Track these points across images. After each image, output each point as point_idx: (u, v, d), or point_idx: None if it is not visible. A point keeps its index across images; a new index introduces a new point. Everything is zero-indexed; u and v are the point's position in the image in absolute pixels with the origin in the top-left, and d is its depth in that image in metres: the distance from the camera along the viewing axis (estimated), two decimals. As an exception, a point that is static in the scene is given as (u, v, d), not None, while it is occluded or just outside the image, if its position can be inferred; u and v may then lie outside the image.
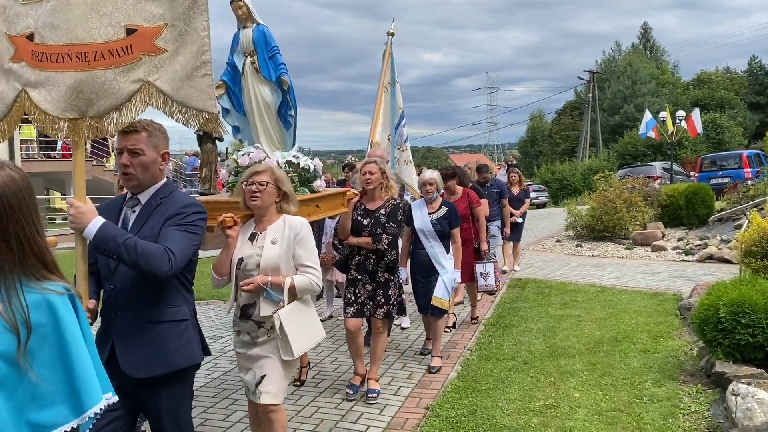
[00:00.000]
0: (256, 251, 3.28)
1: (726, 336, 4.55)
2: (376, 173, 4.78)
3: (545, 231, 16.32)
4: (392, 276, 4.90)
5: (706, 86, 47.60)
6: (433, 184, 5.56)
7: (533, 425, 4.22)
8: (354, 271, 4.89)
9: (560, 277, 9.68)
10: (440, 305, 5.47)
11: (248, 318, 3.30)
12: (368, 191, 4.82)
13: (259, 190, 3.29)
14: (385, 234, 4.71)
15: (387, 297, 4.84)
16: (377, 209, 4.82)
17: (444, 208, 5.63)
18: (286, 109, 4.43)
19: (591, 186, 19.67)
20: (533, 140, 56.38)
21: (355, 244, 4.82)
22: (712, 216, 13.20)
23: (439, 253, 5.53)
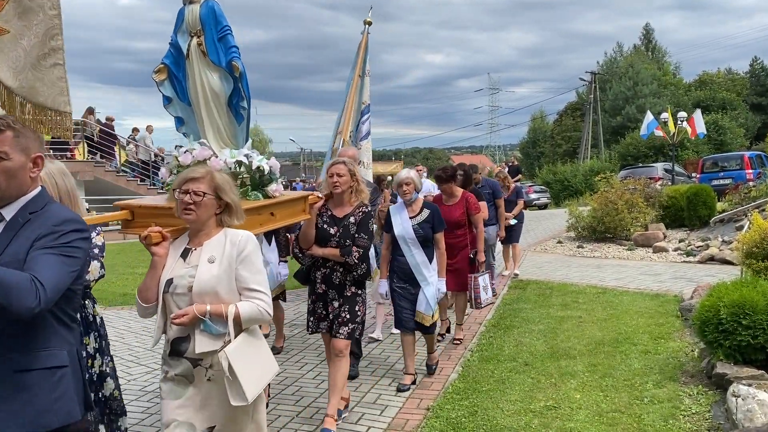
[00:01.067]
0: (189, 271, 2.67)
1: (727, 337, 4.55)
2: (345, 175, 4.25)
3: (546, 232, 16.31)
4: (360, 291, 4.37)
5: (707, 87, 47.56)
6: (409, 184, 5.05)
7: (534, 426, 4.22)
8: (321, 284, 4.35)
9: (561, 278, 9.68)
10: (424, 321, 5.07)
11: (180, 355, 2.68)
12: (336, 195, 4.28)
13: (193, 202, 2.67)
14: (355, 246, 4.20)
15: (353, 314, 4.29)
16: (346, 217, 4.28)
17: (426, 211, 5.13)
18: (238, 99, 3.80)
19: (592, 187, 19.67)
20: (535, 141, 56.34)
21: (320, 255, 4.27)
22: (714, 217, 13.20)
23: (421, 263, 5.05)
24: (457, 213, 6.07)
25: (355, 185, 4.31)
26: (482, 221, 6.39)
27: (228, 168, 3.56)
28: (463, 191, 6.29)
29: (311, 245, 4.28)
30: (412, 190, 5.09)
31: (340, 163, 4.31)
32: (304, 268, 4.47)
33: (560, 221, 16.46)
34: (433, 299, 5.07)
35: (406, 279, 5.09)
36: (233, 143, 3.91)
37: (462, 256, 6.13)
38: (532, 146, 56.47)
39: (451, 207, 6.10)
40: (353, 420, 4.49)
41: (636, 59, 49.67)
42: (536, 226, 17.84)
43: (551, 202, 31.14)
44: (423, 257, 5.05)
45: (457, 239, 6.06)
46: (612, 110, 46.73)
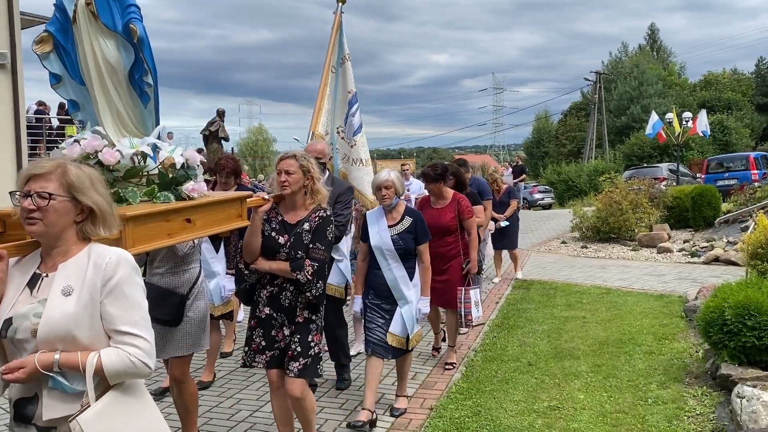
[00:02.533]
0: (34, 308, 1.92)
1: (731, 338, 4.53)
2: (296, 173, 3.48)
3: (551, 232, 16.29)
4: (314, 316, 3.55)
5: (713, 87, 47.46)
6: (390, 188, 4.36)
7: (537, 426, 4.22)
8: (266, 306, 3.57)
9: (565, 279, 9.67)
10: (397, 344, 4.37)
11: (27, 422, 1.95)
12: (287, 197, 3.56)
13: (38, 208, 1.91)
14: (309, 260, 3.43)
15: (305, 345, 3.49)
16: (299, 223, 3.52)
17: (408, 218, 4.47)
18: (141, 73, 3.02)
19: (597, 187, 19.64)
20: (539, 141, 56.26)
21: (266, 270, 3.53)
22: (719, 218, 13.16)
23: (399, 279, 4.39)
24: (447, 217, 5.41)
25: (309, 185, 3.55)
26: (476, 227, 5.67)
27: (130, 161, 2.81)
28: (455, 192, 5.61)
29: (256, 257, 3.52)
30: (393, 194, 4.40)
31: (289, 158, 3.51)
32: (247, 285, 3.68)
33: (564, 221, 16.44)
34: (411, 321, 4.40)
35: (383, 295, 4.45)
36: (139, 129, 3.12)
37: (453, 267, 5.44)
38: (537, 146, 56.38)
39: (440, 210, 5.47)
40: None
41: (641, 59, 49.57)
42: (540, 226, 17.83)
43: (555, 202, 31.07)
44: (402, 272, 4.41)
45: (447, 247, 5.41)
46: (617, 110, 46.63)
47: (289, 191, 3.49)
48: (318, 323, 3.59)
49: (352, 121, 5.86)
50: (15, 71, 11.96)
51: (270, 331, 3.57)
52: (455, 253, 5.44)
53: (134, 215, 2.51)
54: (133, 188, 2.84)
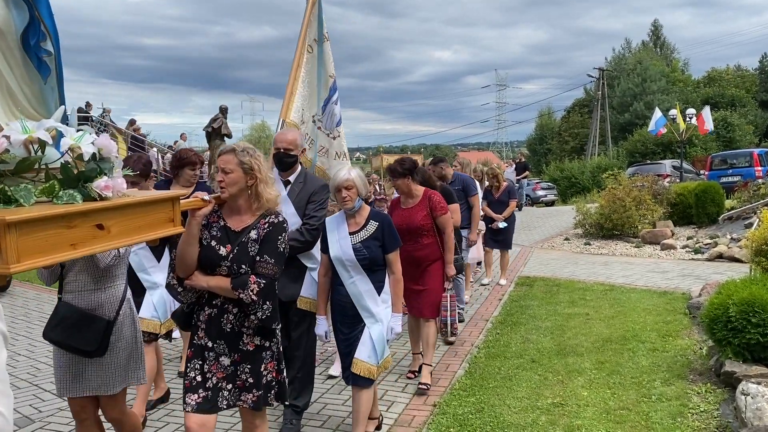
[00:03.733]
0: None
1: (736, 335, 4.52)
2: (234, 171, 2.86)
3: (553, 229, 16.27)
4: (268, 342, 2.98)
5: (716, 84, 47.34)
6: (351, 188, 3.74)
7: (541, 423, 4.21)
8: (203, 332, 2.96)
9: (568, 275, 9.65)
10: (365, 373, 3.73)
11: None
12: (228, 200, 2.94)
13: None
14: (254, 275, 2.83)
15: (257, 375, 2.94)
16: (244, 231, 2.93)
17: (373, 223, 3.85)
18: (38, 38, 2.45)
19: (600, 184, 19.60)
20: (542, 138, 56.17)
21: (203, 287, 2.90)
22: (723, 214, 13.12)
23: (365, 293, 3.78)
24: (418, 216, 4.93)
25: (254, 185, 2.91)
26: (452, 224, 5.14)
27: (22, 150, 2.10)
28: (426, 189, 5.11)
29: (192, 271, 2.90)
30: (354, 196, 3.77)
31: (227, 153, 2.90)
32: (185, 306, 3.04)
33: (567, 218, 16.42)
34: (381, 343, 3.79)
35: (350, 315, 3.84)
36: (37, 110, 2.55)
37: (432, 272, 4.99)
38: (540, 143, 56.30)
39: (410, 210, 4.99)
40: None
41: (644, 56, 49.45)
42: (543, 223, 17.81)
43: (558, 199, 31.05)
44: (367, 285, 3.80)
45: (423, 250, 4.95)
46: (620, 107, 46.53)
47: (226, 194, 2.88)
48: (273, 349, 3.00)
49: (333, 110, 5.17)
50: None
51: (204, 364, 2.93)
52: (434, 257, 4.99)
53: (18, 220, 1.90)
54: (26, 185, 2.11)
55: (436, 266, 5.01)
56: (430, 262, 4.98)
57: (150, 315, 4.32)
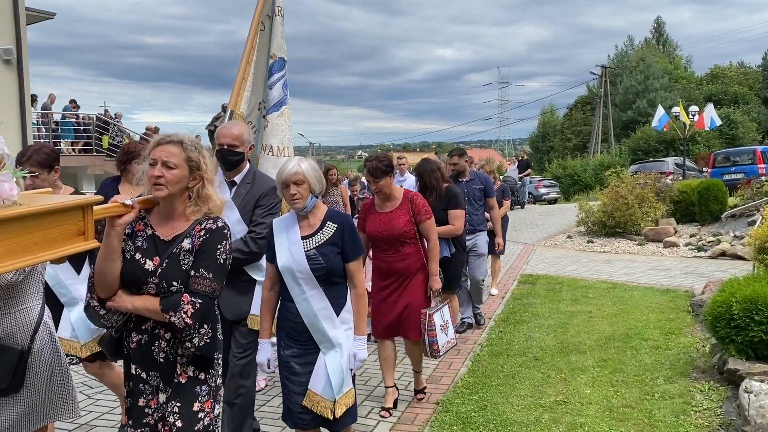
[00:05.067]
0: None
1: (739, 333, 4.52)
2: (179, 167, 2.37)
3: (556, 227, 16.26)
4: (204, 374, 2.45)
5: (719, 81, 47.22)
6: (301, 183, 3.09)
7: (543, 421, 4.22)
8: (134, 362, 2.46)
9: (571, 273, 9.65)
10: (320, 410, 3.12)
11: None
12: (161, 202, 2.45)
13: None
14: (188, 294, 2.33)
15: (189, 419, 2.40)
16: (176, 240, 2.42)
17: (330, 225, 3.20)
18: None
19: (602, 182, 19.57)
20: (545, 135, 56.12)
21: (128, 309, 2.39)
22: (725, 212, 13.11)
23: (319, 312, 3.12)
24: (400, 222, 4.28)
25: (197, 187, 2.45)
26: (436, 231, 4.49)
27: None
28: (406, 190, 4.50)
29: (114, 290, 2.37)
30: (306, 193, 3.12)
31: (171, 143, 2.40)
32: (113, 332, 2.52)
33: (570, 216, 16.40)
34: (339, 373, 3.12)
35: (301, 339, 3.19)
36: None
37: (414, 285, 4.38)
38: (542, 140, 56.25)
39: (390, 215, 4.33)
40: (363, 414, 4.49)
41: (647, 53, 49.35)
42: (546, 221, 17.79)
43: (561, 196, 31.02)
44: (322, 302, 3.13)
45: (405, 261, 4.34)
46: (622, 104, 46.46)
47: (164, 193, 2.36)
48: (211, 384, 2.46)
49: (270, 94, 4.44)
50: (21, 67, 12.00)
51: (138, 399, 2.45)
52: (416, 268, 4.39)
53: None
54: None
55: (418, 279, 4.39)
56: (411, 275, 4.37)
57: (69, 335, 3.63)
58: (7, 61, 11.78)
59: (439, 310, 4.44)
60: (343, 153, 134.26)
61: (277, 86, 4.52)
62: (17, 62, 11.93)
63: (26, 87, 12.15)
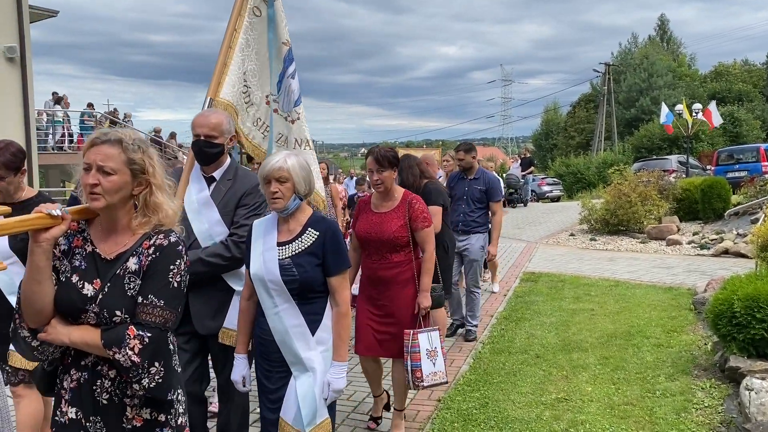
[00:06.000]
0: None
1: (740, 331, 4.52)
2: (120, 172, 1.98)
3: (559, 225, 16.25)
4: (164, 415, 2.07)
5: (723, 79, 47.09)
6: (284, 181, 2.73)
7: (545, 418, 4.22)
8: (71, 405, 2.02)
9: (573, 271, 9.65)
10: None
11: None
12: (101, 214, 2.04)
13: None
14: (135, 326, 1.94)
15: None
16: (120, 258, 2.01)
17: (312, 232, 2.81)
18: None
19: (605, 179, 19.56)
20: (548, 133, 56.04)
21: (64, 343, 1.98)
22: (729, 210, 13.08)
23: (291, 330, 2.75)
24: (393, 226, 3.82)
25: (144, 194, 2.03)
26: (434, 242, 3.96)
27: None
28: (406, 191, 4.04)
29: (47, 320, 1.97)
30: (288, 192, 2.75)
31: (107, 144, 1.99)
32: (45, 365, 2.09)
33: (573, 214, 16.40)
34: (310, 402, 2.73)
35: (273, 358, 2.84)
36: None
37: (402, 299, 3.88)
38: (545, 138, 56.16)
39: (384, 216, 3.88)
40: (364, 410, 4.51)
41: (651, 50, 49.22)
42: (548, 219, 17.79)
43: (564, 194, 31.00)
44: (296, 319, 2.76)
45: (392, 269, 3.86)
46: (626, 102, 46.36)
47: (102, 204, 1.97)
48: (173, 425, 2.09)
49: (290, 86, 3.97)
50: (24, 64, 12.03)
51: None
52: (403, 279, 3.88)
53: None
54: None
55: (407, 291, 3.89)
56: (400, 286, 3.87)
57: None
58: (10, 59, 11.81)
59: (427, 332, 3.83)
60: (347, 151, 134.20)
61: (296, 77, 4.08)
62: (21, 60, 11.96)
63: (30, 85, 12.18)
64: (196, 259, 2.98)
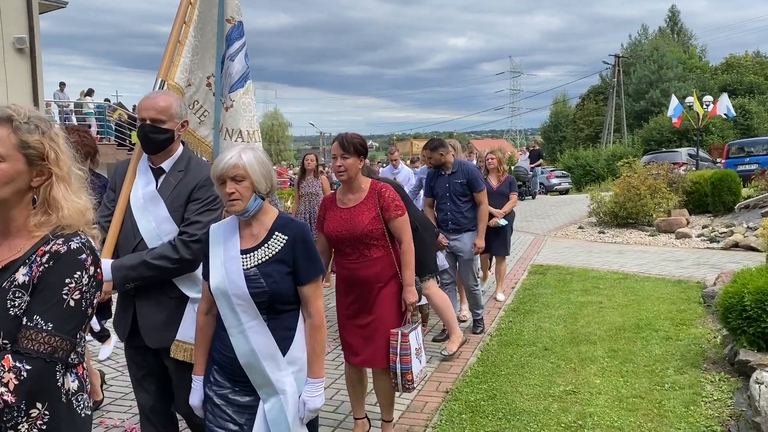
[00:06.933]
0: None
1: (751, 324, 4.50)
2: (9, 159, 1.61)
3: (567, 217, 16.20)
4: None
5: (734, 71, 46.69)
6: (241, 180, 2.37)
7: (553, 410, 4.22)
8: None
9: (582, 264, 9.62)
10: None
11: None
12: None
13: None
14: (10, 357, 1.53)
15: None
16: (9, 269, 1.62)
17: (279, 237, 2.45)
18: None
19: (615, 172, 19.47)
20: (556, 125, 55.87)
21: None
22: (739, 203, 13.00)
23: (259, 350, 2.39)
24: (364, 219, 3.51)
25: (47, 188, 1.68)
26: (410, 231, 3.63)
27: None
28: (373, 181, 3.69)
29: None
30: (247, 192, 2.38)
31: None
32: None
33: (582, 207, 16.34)
34: (284, 428, 2.43)
35: (235, 380, 2.47)
36: None
37: (385, 299, 3.57)
38: (554, 130, 55.99)
39: (353, 211, 3.56)
40: (372, 401, 4.51)
41: (661, 42, 48.92)
42: (557, 212, 17.73)
43: (572, 187, 30.90)
44: (265, 338, 2.40)
45: (371, 267, 3.54)
46: (636, 94, 46.10)
47: None
48: None
49: (228, 68, 3.51)
50: (33, 55, 12.06)
51: None
52: (386, 277, 3.56)
53: None
54: None
55: (389, 290, 3.57)
56: (381, 285, 3.55)
57: None
58: (20, 49, 11.84)
59: (414, 330, 3.59)
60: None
61: (240, 56, 3.55)
62: (30, 51, 11.99)
63: (39, 75, 12.22)
64: (139, 262, 2.68)
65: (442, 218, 5.93)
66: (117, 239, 2.82)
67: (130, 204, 2.83)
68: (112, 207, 2.90)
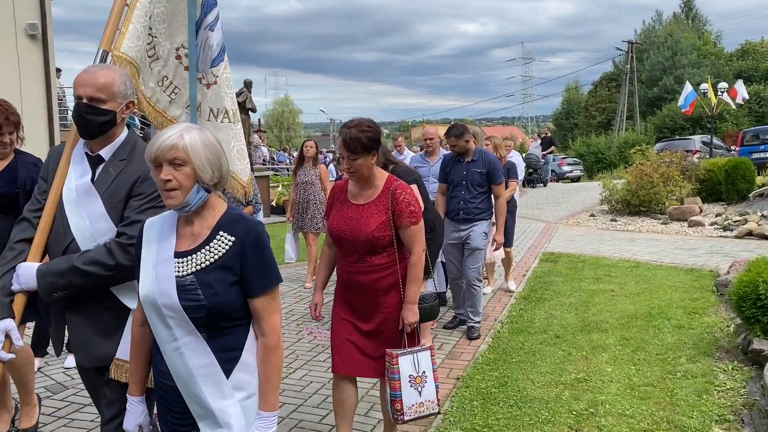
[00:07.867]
0: None
1: (765, 313, 4.47)
2: None
3: (579, 205, 16.12)
4: None
5: (750, 57, 46.06)
6: (181, 166, 1.91)
7: (564, 398, 4.22)
8: None
9: (594, 252, 9.58)
10: None
11: None
12: None
13: None
14: None
15: None
16: None
17: (225, 237, 1.97)
18: None
19: (627, 160, 19.33)
20: (569, 112, 55.43)
21: None
22: (753, 191, 12.88)
23: (198, 371, 1.96)
24: (371, 222, 3.10)
25: None
26: (422, 242, 3.17)
27: None
28: (390, 176, 3.24)
29: None
30: (188, 182, 1.92)
31: None
32: None
33: (593, 194, 16.26)
34: None
35: (174, 410, 2.06)
36: None
37: (388, 306, 3.19)
38: (566, 117, 55.56)
39: (363, 210, 3.16)
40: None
41: (675, 28, 48.28)
42: (569, 199, 17.66)
43: (584, 174, 30.72)
44: (205, 358, 1.96)
45: (369, 275, 3.15)
46: (649, 81, 45.62)
47: None
48: None
49: (207, 39, 3.11)
50: (45, 41, 12.08)
51: None
52: (390, 284, 3.17)
53: None
54: None
55: (393, 299, 3.18)
56: (383, 292, 3.16)
57: None
58: (32, 35, 11.87)
59: (412, 353, 3.14)
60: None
61: (218, 27, 3.15)
62: (42, 37, 12.01)
63: (51, 62, 12.25)
64: (69, 267, 2.23)
65: (453, 207, 5.64)
66: (47, 239, 2.39)
67: (62, 198, 2.38)
68: (43, 200, 2.42)
